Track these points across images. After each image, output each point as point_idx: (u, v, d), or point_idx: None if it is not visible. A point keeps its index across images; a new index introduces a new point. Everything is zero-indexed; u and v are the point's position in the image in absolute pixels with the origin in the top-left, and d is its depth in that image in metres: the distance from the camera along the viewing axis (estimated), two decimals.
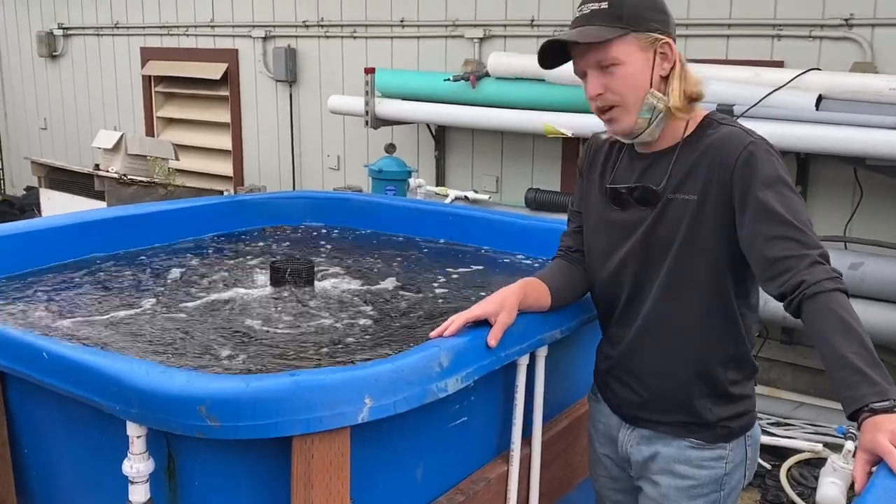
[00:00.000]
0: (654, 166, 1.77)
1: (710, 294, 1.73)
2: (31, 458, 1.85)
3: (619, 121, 1.72)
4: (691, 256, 1.71)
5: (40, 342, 1.69)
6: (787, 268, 1.55)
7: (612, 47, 1.67)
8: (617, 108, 1.71)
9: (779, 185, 1.61)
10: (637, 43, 1.68)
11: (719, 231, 1.68)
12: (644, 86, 1.69)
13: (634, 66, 1.68)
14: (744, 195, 1.63)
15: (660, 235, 1.75)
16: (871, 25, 4.06)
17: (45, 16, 8.14)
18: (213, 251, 2.91)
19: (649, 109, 1.70)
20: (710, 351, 1.77)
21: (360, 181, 5.76)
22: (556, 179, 5.19)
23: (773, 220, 1.58)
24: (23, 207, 7.75)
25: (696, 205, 1.69)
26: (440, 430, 1.79)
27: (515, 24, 5.21)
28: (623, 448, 1.91)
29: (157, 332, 2.07)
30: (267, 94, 6.62)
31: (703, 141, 1.71)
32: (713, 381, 1.78)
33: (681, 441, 1.81)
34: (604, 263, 1.85)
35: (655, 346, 1.80)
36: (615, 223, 1.83)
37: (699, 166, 1.70)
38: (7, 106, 8.93)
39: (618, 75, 1.69)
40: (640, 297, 1.80)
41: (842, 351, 1.44)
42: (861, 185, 4.04)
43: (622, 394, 1.88)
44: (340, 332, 2.12)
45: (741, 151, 1.64)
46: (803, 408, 4.13)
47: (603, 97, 1.71)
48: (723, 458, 1.80)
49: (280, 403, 1.42)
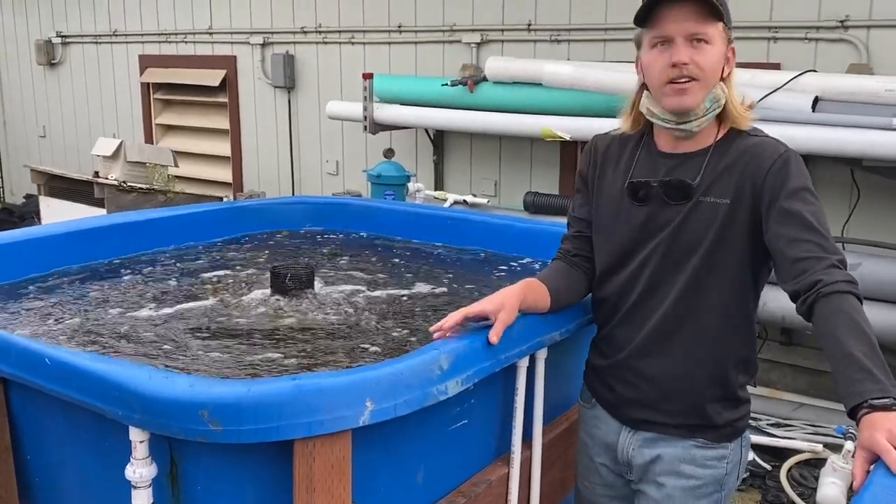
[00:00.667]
0: (683, 166, 1.77)
1: (732, 296, 1.76)
2: (34, 464, 1.86)
3: (692, 94, 1.71)
4: (719, 259, 1.73)
5: (42, 348, 1.70)
6: (805, 268, 1.59)
7: (711, 25, 1.69)
8: (695, 81, 1.70)
9: (806, 193, 1.67)
10: (723, 34, 1.72)
11: (749, 236, 1.72)
12: (719, 73, 1.73)
13: (718, 51, 1.72)
14: (773, 200, 1.66)
15: (686, 237, 1.75)
16: (866, 27, 4.08)
17: (44, 24, 8.16)
18: (214, 257, 2.92)
19: (713, 99, 1.72)
20: (727, 353, 1.79)
21: (359, 186, 5.77)
22: (554, 183, 5.21)
23: (797, 223, 1.63)
24: (22, 215, 7.77)
25: (728, 208, 1.72)
26: (441, 432, 1.80)
27: (512, 29, 5.23)
28: (624, 453, 1.90)
29: (157, 338, 2.08)
30: (265, 101, 6.64)
31: (736, 147, 1.74)
32: (726, 383, 1.80)
33: (686, 441, 1.82)
34: (620, 262, 1.84)
35: (672, 348, 1.79)
36: (634, 220, 1.82)
37: (732, 170, 1.72)
38: (6, 114, 8.94)
39: (706, 53, 1.70)
40: (654, 297, 1.80)
41: (849, 349, 1.46)
42: (858, 185, 4.06)
43: (626, 394, 1.87)
44: (340, 336, 2.13)
45: (776, 159, 1.69)
46: (803, 408, 4.14)
47: (689, 67, 1.69)
48: (724, 457, 1.82)
49: (282, 407, 1.43)
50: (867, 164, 3.81)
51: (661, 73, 1.71)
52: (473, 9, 5.38)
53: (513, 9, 5.22)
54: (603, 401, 1.95)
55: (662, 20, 1.69)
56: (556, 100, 4.61)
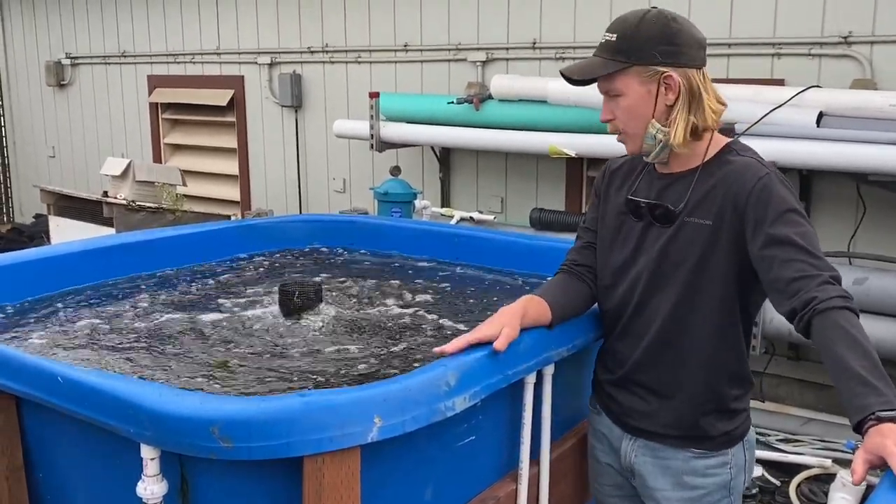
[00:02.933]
0: (672, 187, 1.83)
1: (720, 313, 1.79)
2: (47, 482, 1.87)
3: (626, 144, 1.84)
4: (704, 278, 1.77)
5: (54, 366, 1.72)
6: (799, 287, 1.60)
7: (614, 79, 1.76)
8: (624, 133, 1.81)
9: (792, 214, 1.68)
10: (638, 76, 1.75)
11: (731, 255, 1.75)
12: (646, 116, 1.76)
13: (634, 97, 1.76)
14: (758, 224, 1.69)
15: (673, 256, 1.80)
16: (869, 43, 4.10)
17: (54, 46, 8.24)
18: (223, 275, 2.94)
19: (650, 138, 1.78)
20: (718, 368, 1.82)
21: (365, 203, 5.80)
22: (560, 199, 5.23)
23: (786, 245, 1.64)
24: (32, 235, 7.82)
25: (710, 230, 1.76)
26: (449, 449, 1.80)
27: (517, 47, 5.27)
28: (626, 458, 1.95)
29: (166, 356, 2.10)
30: (273, 120, 6.69)
31: (722, 168, 1.77)
32: (720, 397, 1.84)
33: (685, 452, 1.85)
34: (616, 278, 1.90)
35: (667, 363, 1.84)
36: (630, 237, 1.88)
37: (715, 193, 1.76)
38: (16, 135, 9.02)
39: (620, 105, 1.78)
40: (646, 313, 1.85)
41: (849, 363, 1.47)
42: (864, 200, 4.06)
43: (629, 403, 1.92)
44: (349, 353, 2.14)
45: (756, 183, 1.71)
46: (811, 423, 4.12)
47: (612, 123, 1.81)
48: (727, 463, 1.86)
49: (291, 424, 1.44)
50: (873, 178, 3.82)
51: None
52: (479, 27, 5.43)
53: (518, 27, 5.26)
54: (607, 409, 2.00)
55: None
56: (561, 117, 4.64)
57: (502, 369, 1.77)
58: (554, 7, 5.09)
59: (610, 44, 1.76)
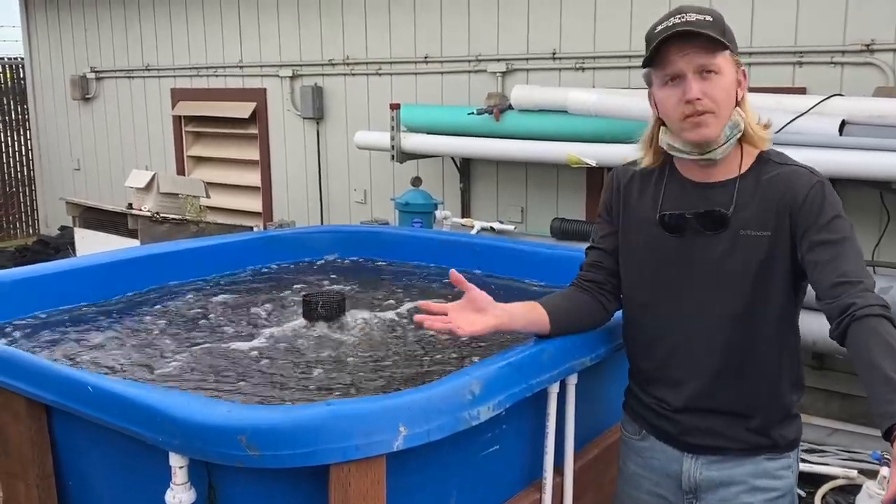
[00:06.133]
0: (714, 194, 1.78)
1: (782, 324, 1.77)
2: (76, 491, 1.90)
3: (709, 126, 1.71)
4: (768, 290, 1.74)
5: (84, 376, 1.75)
6: (840, 292, 1.60)
7: (716, 56, 1.70)
8: (710, 114, 1.71)
9: (839, 220, 1.69)
10: (731, 61, 1.73)
11: (789, 264, 1.73)
12: (733, 100, 1.74)
13: (729, 79, 1.72)
14: (808, 228, 1.68)
15: (732, 269, 1.75)
16: (892, 50, 4.07)
17: (79, 60, 8.36)
18: (246, 286, 2.97)
19: (732, 126, 1.74)
20: (783, 378, 1.81)
21: (386, 214, 5.82)
22: (580, 208, 5.22)
23: (830, 249, 1.65)
24: (57, 247, 7.92)
25: (769, 241, 1.73)
26: (473, 458, 1.81)
27: (537, 58, 5.29)
28: (690, 479, 1.85)
29: (192, 366, 2.13)
30: (295, 132, 6.75)
31: (766, 175, 1.75)
32: (785, 406, 1.83)
33: (755, 457, 1.82)
34: (659, 295, 1.83)
35: (733, 382, 1.79)
36: (671, 253, 1.81)
37: (768, 201, 1.73)
38: (42, 148, 9.15)
39: (716, 84, 1.70)
40: (704, 331, 1.78)
41: (882, 369, 1.46)
42: (888, 208, 4.03)
43: (692, 423, 1.84)
44: (373, 362, 2.16)
45: (810, 190, 1.70)
46: (837, 434, 4.08)
47: (702, 102, 1.70)
48: (790, 466, 1.85)
49: (318, 432, 1.46)
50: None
51: (677, 109, 1.73)
52: (498, 39, 5.45)
53: (537, 38, 5.28)
54: (657, 432, 1.91)
55: (671, 59, 1.71)
56: (581, 127, 4.64)
57: (526, 379, 1.78)
58: (573, 18, 5.11)
59: (708, 23, 1.69)
